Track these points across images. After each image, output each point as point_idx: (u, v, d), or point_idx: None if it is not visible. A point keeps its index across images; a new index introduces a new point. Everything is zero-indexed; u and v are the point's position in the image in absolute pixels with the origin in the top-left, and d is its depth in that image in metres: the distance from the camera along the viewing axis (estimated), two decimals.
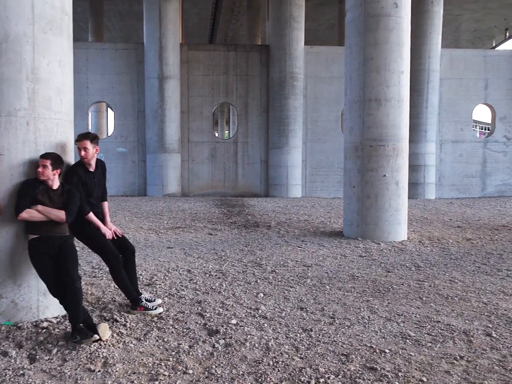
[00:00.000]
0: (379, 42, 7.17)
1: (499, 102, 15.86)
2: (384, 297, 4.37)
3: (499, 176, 16.08)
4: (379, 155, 7.29)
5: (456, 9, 22.75)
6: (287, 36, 14.72)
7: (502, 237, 7.78)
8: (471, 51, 16.77)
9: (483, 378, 2.76)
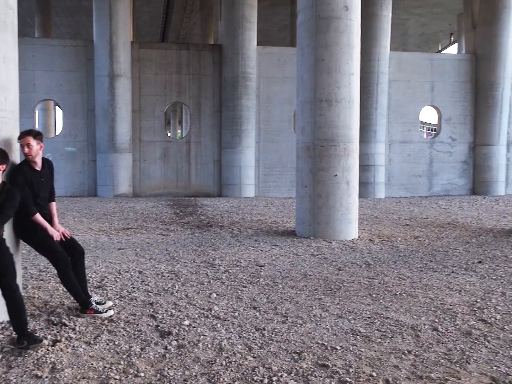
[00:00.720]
0: (330, 44, 7.28)
1: (444, 104, 16.41)
2: (336, 295, 4.44)
3: (445, 176, 16.65)
4: (330, 155, 7.40)
5: (404, 13, 23.42)
6: (240, 36, 14.74)
7: (447, 234, 8.05)
8: (418, 55, 17.30)
9: (429, 371, 2.84)
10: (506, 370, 2.87)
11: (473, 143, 16.63)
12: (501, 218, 10.13)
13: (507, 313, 3.94)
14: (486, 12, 15.96)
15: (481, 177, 16.49)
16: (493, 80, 15.94)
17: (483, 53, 16.13)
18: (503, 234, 8.04)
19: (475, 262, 5.93)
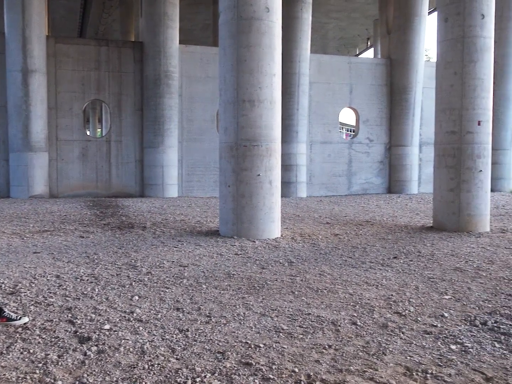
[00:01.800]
0: (252, 45, 7.34)
1: (362, 106, 17.05)
2: (259, 293, 4.48)
3: (363, 175, 17.30)
4: (253, 155, 7.47)
5: (324, 17, 24.08)
6: (162, 34, 14.52)
7: (366, 231, 8.37)
8: (337, 57, 17.84)
9: (349, 364, 2.94)
10: (419, 359, 3.02)
11: (388, 144, 17.40)
12: (415, 215, 10.67)
13: (420, 305, 4.15)
14: (399, 19, 16.75)
15: (396, 177, 17.29)
16: (406, 84, 16.76)
17: (397, 58, 16.92)
18: (416, 231, 8.47)
19: (391, 257, 6.21)
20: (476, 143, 8.13)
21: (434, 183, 8.75)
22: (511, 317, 3.84)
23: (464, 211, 8.21)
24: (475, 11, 7.99)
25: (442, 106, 8.42)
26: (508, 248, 6.82)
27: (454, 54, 8.15)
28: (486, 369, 2.89)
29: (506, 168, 17.67)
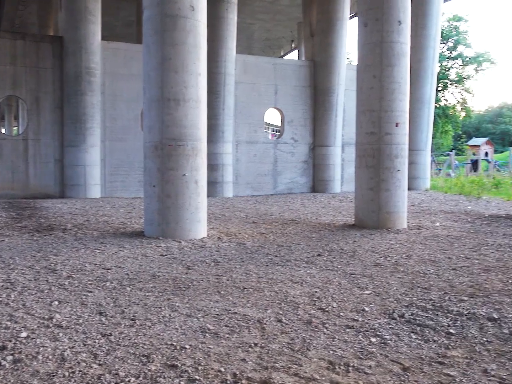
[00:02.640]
0: (176, 43, 7.26)
1: (287, 106, 17.34)
2: (185, 294, 4.44)
3: (288, 175, 17.60)
4: (178, 155, 7.39)
5: (249, 18, 24.27)
6: (83, 29, 14.03)
7: (291, 230, 8.52)
8: (262, 59, 18.02)
9: (274, 361, 2.97)
10: (342, 353, 3.12)
11: (312, 144, 17.80)
12: (337, 214, 11.00)
13: (342, 300, 4.28)
14: (322, 22, 17.18)
15: (320, 176, 17.73)
16: (329, 86, 17.23)
17: (320, 60, 17.35)
18: (339, 228, 8.73)
19: (315, 255, 6.36)
20: (394, 144, 8.49)
21: (356, 182, 9.06)
22: (426, 309, 4.05)
23: (383, 209, 8.56)
24: (392, 18, 8.35)
25: (362, 108, 8.73)
26: (423, 244, 7.18)
27: (374, 58, 8.47)
28: (403, 359, 3.03)
29: (422, 168, 18.59)
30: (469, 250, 6.68)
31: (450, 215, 10.70)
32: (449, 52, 49.35)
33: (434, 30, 18.01)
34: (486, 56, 48.60)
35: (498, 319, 3.77)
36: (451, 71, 49.77)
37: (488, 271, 5.44)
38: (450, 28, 48.46)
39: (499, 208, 12.09)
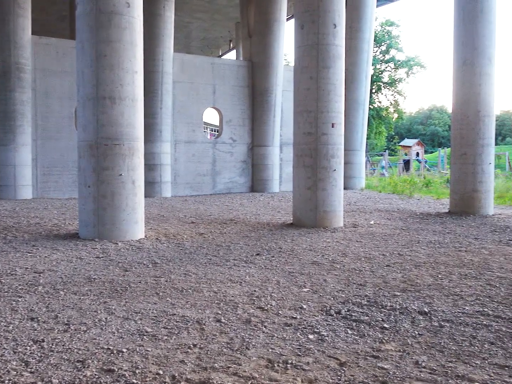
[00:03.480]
0: (112, 40, 7.09)
1: (225, 106, 17.34)
2: (122, 297, 4.35)
3: (227, 175, 17.61)
4: (114, 154, 7.22)
5: (187, 16, 24.07)
6: (11, 22, 13.43)
7: (230, 230, 8.52)
8: (200, 58, 17.92)
9: (213, 362, 2.96)
10: (280, 351, 3.15)
11: (251, 144, 17.90)
12: (276, 213, 11.11)
13: (281, 299, 4.33)
14: (259, 23, 17.31)
15: (259, 176, 17.85)
16: (267, 86, 17.38)
17: (258, 60, 17.47)
18: (277, 228, 8.83)
19: (254, 254, 6.39)
20: (330, 144, 8.68)
21: (293, 182, 9.18)
22: (362, 305, 4.17)
23: (320, 208, 8.73)
24: (328, 21, 8.52)
25: (299, 109, 8.86)
26: (359, 242, 7.38)
27: (310, 59, 8.62)
28: (340, 354, 3.10)
29: (357, 168, 19.12)
30: (402, 247, 6.93)
31: (384, 213, 11.07)
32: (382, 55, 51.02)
33: (368, 33, 18.56)
34: (416, 60, 50.61)
35: (429, 313, 3.94)
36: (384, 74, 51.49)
37: (419, 267, 5.66)
38: (383, 33, 50.11)
39: (429, 206, 12.62)
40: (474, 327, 3.61)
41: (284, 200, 14.47)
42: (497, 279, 5.07)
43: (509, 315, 3.88)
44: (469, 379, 2.75)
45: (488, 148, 10.57)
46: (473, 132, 10.49)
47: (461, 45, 10.57)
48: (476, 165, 10.52)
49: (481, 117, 10.45)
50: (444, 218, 10.06)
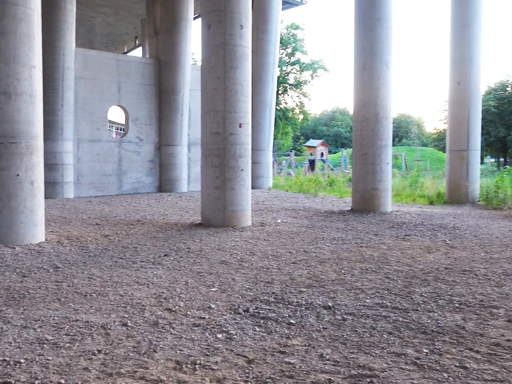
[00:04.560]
0: (6, 32, 6.66)
1: (131, 104, 16.91)
2: (20, 304, 4.10)
3: (134, 174, 17.19)
4: (11, 153, 6.79)
5: (90, 10, 23.18)
6: None
7: (137, 231, 8.33)
8: (105, 54, 17.34)
9: (119, 367, 2.88)
10: (189, 352, 3.13)
11: (158, 144, 17.61)
12: (184, 213, 11.02)
13: (189, 299, 4.30)
14: (166, 21, 17.06)
15: (166, 176, 17.59)
16: (175, 85, 17.18)
17: (165, 59, 17.21)
18: (186, 228, 8.76)
19: (161, 255, 6.29)
20: (238, 144, 8.75)
21: (202, 182, 9.16)
22: (269, 302, 4.24)
23: (229, 207, 8.78)
24: (235, 21, 8.58)
25: (207, 108, 8.85)
26: (266, 240, 7.51)
27: (217, 59, 8.64)
28: (248, 352, 3.13)
29: (265, 167, 19.43)
30: (308, 244, 7.14)
31: (291, 212, 11.35)
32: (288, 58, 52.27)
33: (274, 35, 18.93)
34: (320, 64, 52.35)
35: (333, 307, 4.09)
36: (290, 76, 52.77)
37: (323, 263, 5.87)
38: (288, 35, 51.33)
39: (333, 205, 13.12)
40: (374, 318, 3.80)
41: (193, 200, 14.39)
42: (394, 273, 5.37)
43: (405, 306, 4.13)
44: (370, 368, 2.89)
45: (386, 149, 11.17)
46: (373, 133, 11.05)
47: (361, 50, 11.09)
48: (376, 165, 11.09)
49: (379, 119, 11.02)
50: (346, 216, 10.50)
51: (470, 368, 2.89)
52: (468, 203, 13.21)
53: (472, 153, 13.53)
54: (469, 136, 13.47)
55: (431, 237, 7.78)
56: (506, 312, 3.97)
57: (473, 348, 3.20)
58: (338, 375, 2.81)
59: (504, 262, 5.93)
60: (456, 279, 5.08)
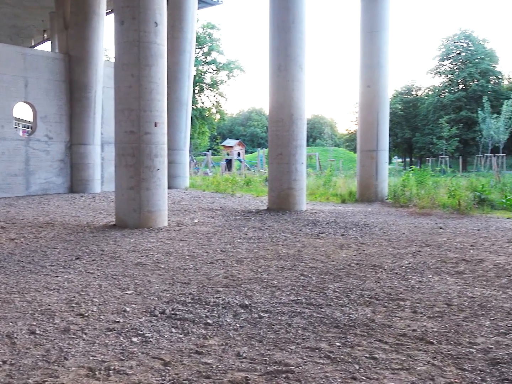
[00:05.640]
0: None
1: (39, 101, 16.11)
2: None
3: (43, 175, 16.38)
4: None
5: None
6: None
7: (46, 234, 7.95)
8: (9, 47, 16.37)
9: (27, 377, 2.73)
10: (102, 357, 3.02)
11: (69, 142, 16.91)
12: (98, 214, 10.66)
13: (103, 304, 4.16)
14: (77, 15, 16.41)
15: (78, 176, 16.93)
16: (86, 82, 16.57)
17: (76, 54, 16.55)
18: (99, 229, 8.48)
19: (73, 259, 6.05)
20: (153, 143, 8.60)
21: (116, 182, 8.91)
22: (186, 303, 4.20)
23: (145, 207, 8.61)
24: (149, 18, 8.42)
25: (121, 106, 8.62)
26: (183, 240, 7.44)
27: (131, 56, 8.43)
28: (164, 354, 3.08)
29: (181, 167, 19.24)
30: (225, 244, 7.16)
31: (208, 211, 11.32)
32: (204, 57, 52.16)
33: (190, 34, 18.79)
34: (236, 64, 52.72)
35: (249, 305, 4.12)
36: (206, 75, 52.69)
37: (240, 262, 5.91)
38: (204, 35, 51.23)
39: (250, 204, 13.25)
40: (289, 315, 3.88)
41: (106, 200, 13.95)
42: (309, 269, 5.52)
43: (319, 301, 4.25)
44: (285, 364, 2.94)
45: (301, 149, 11.44)
46: (288, 133, 11.28)
47: (276, 52, 11.28)
48: (291, 165, 11.33)
49: (294, 120, 11.27)
50: (263, 215, 10.64)
51: (379, 359, 3.03)
52: (377, 201, 13.84)
53: (381, 154, 14.19)
54: (378, 137, 14.12)
55: (344, 235, 8.07)
56: (411, 303, 4.20)
57: (382, 339, 3.35)
58: (255, 372, 2.84)
59: (410, 256, 6.27)
60: (366, 274, 5.30)
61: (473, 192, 12.34)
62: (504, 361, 2.98)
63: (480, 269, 5.56)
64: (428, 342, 3.30)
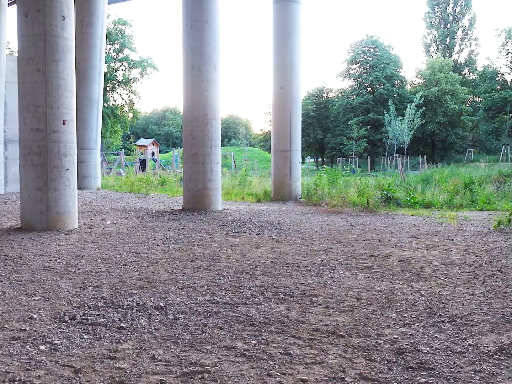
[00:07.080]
0: None
1: None
2: None
3: None
4: None
5: None
6: None
7: None
8: None
9: None
10: (6, 368, 2.85)
11: None
12: (1, 217, 10.05)
13: (7, 311, 3.92)
14: None
15: None
16: None
17: None
18: (3, 233, 7.99)
19: None
20: (62, 142, 8.23)
21: (21, 183, 8.43)
22: (98, 307, 4.06)
23: (53, 209, 8.22)
24: (56, 11, 8.05)
25: (26, 103, 8.17)
26: (95, 243, 7.19)
27: (36, 51, 8.02)
28: (75, 361, 2.96)
29: (92, 167, 18.60)
30: (139, 245, 7.00)
31: (121, 212, 11.02)
32: (116, 54, 50.70)
33: (100, 29, 18.19)
34: (150, 62, 51.70)
35: (165, 307, 4.06)
36: (118, 72, 51.23)
37: (155, 263, 5.80)
38: (116, 31, 49.78)
39: (165, 204, 13.06)
40: (205, 315, 3.86)
41: (11, 202, 13.18)
42: (225, 269, 5.53)
43: (235, 300, 4.27)
44: (201, 365, 2.93)
45: (216, 149, 11.44)
46: (203, 133, 11.23)
47: (190, 51, 11.19)
48: (206, 164, 11.29)
49: (209, 119, 11.25)
50: (178, 215, 10.53)
51: (294, 354, 3.09)
52: (291, 200, 14.15)
53: (294, 153, 14.52)
54: (291, 138, 14.43)
55: (259, 233, 8.17)
56: (324, 299, 4.33)
57: (296, 335, 3.43)
58: (170, 374, 2.80)
59: (322, 253, 6.47)
60: (281, 272, 5.40)
61: (381, 191, 12.96)
62: (409, 350, 3.15)
63: (387, 264, 5.85)
64: (340, 336, 3.42)
